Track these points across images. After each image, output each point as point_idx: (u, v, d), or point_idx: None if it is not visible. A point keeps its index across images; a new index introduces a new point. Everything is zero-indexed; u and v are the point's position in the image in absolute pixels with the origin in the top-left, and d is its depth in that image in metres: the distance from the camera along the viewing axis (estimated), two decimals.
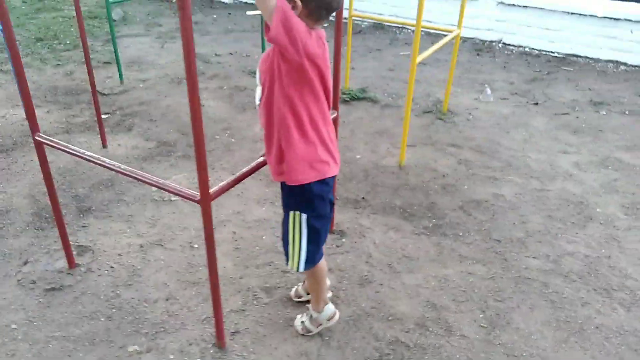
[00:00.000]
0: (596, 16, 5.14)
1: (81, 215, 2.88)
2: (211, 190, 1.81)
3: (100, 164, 2.02)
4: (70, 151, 2.08)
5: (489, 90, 4.48)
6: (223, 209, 2.94)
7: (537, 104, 4.41)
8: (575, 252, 2.69)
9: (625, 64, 5.19)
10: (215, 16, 6.81)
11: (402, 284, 2.46)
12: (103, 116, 3.94)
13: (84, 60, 5.12)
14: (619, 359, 2.10)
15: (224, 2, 7.34)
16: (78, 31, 5.87)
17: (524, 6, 5.45)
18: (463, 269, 2.57)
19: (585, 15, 5.19)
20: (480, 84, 4.79)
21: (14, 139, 3.65)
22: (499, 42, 5.74)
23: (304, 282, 2.34)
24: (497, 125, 4.03)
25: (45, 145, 2.16)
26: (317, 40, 1.64)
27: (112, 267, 2.50)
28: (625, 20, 5.03)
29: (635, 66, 5.15)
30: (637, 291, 2.44)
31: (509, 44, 5.72)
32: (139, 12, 6.63)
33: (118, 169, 1.97)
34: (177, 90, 4.54)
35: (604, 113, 4.28)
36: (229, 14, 6.98)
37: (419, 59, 3.14)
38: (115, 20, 6.11)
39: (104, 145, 3.56)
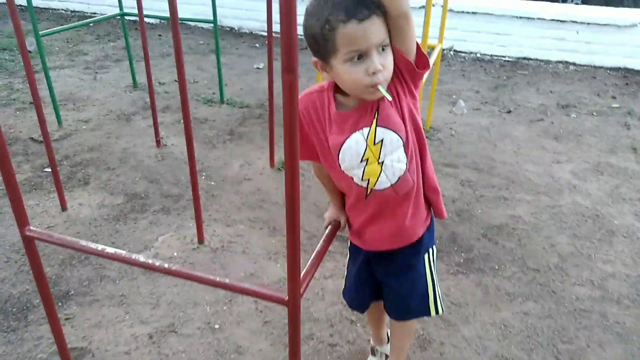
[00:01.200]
0: (544, 19, 5.25)
1: (59, 304, 2.33)
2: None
3: (148, 266, 1.54)
4: (91, 250, 1.59)
5: (462, 103, 4.38)
6: (231, 267, 2.53)
7: (510, 112, 4.38)
8: (615, 272, 2.59)
9: (574, 64, 5.34)
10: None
11: (464, 339, 2.21)
12: (47, 169, 3.33)
13: (3, 102, 4.41)
14: None
15: (150, 23, 6.71)
16: None
17: (472, 12, 5.45)
18: (516, 309, 2.37)
19: (533, 18, 5.28)
20: (448, 96, 4.69)
21: None
22: (450, 49, 5.71)
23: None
24: (483, 139, 3.92)
25: (36, 240, 1.66)
26: None
27: None
28: (571, 22, 5.18)
29: (584, 65, 5.32)
30: None
31: (461, 51, 5.71)
32: (55, 40, 5.87)
33: (175, 271, 1.50)
34: (128, 128, 3.99)
35: (575, 116, 4.33)
36: (159, 35, 6.40)
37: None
38: (30, 52, 5.34)
39: (63, 208, 2.97)
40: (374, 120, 1.33)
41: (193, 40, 6.19)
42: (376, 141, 1.34)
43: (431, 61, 3.32)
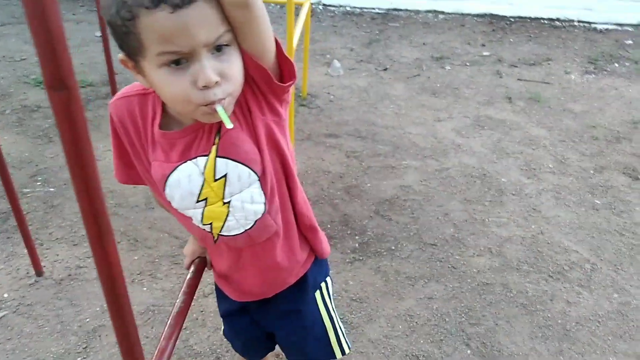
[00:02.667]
0: None
1: None
2: None
3: None
4: None
5: (337, 63, 4.06)
6: (82, 302, 2.02)
7: (386, 69, 4.16)
8: (510, 236, 2.50)
9: (442, 12, 5.25)
10: None
11: (370, 342, 1.95)
12: None
13: None
14: (613, 352, 1.96)
15: None
16: None
17: None
18: (420, 294, 2.17)
19: None
20: (321, 55, 4.35)
21: None
22: (319, 3, 5.34)
23: None
24: (362, 102, 3.66)
25: None
26: None
27: None
28: None
29: (452, 13, 5.25)
30: (585, 265, 2.34)
31: (330, 5, 5.36)
32: None
33: None
34: None
35: (449, 68, 4.23)
36: None
37: None
38: None
39: None
40: (214, 148, 0.91)
41: (17, 7, 5.15)
42: (217, 177, 0.94)
43: (301, 20, 2.93)
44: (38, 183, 2.72)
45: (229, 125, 0.83)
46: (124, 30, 0.76)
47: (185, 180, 0.94)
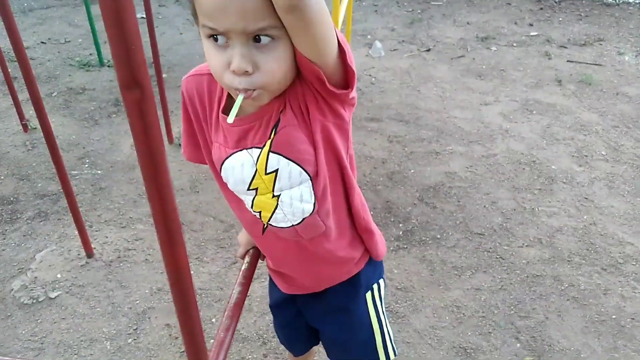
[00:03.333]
0: None
1: None
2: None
3: None
4: None
5: (378, 44, 3.98)
6: (132, 284, 2.06)
7: (429, 50, 4.05)
8: (561, 226, 2.41)
9: None
10: None
11: (417, 332, 1.93)
12: None
13: None
14: None
15: None
16: None
17: None
18: (467, 284, 2.13)
19: None
20: (362, 36, 4.27)
21: None
22: None
23: None
24: (405, 85, 3.58)
25: None
26: None
27: None
28: None
29: None
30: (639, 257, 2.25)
31: None
32: None
33: None
34: None
35: (495, 49, 4.09)
36: None
37: None
38: None
39: None
40: (268, 142, 0.89)
41: None
42: (268, 170, 0.92)
43: (344, 1, 2.86)
44: (85, 165, 2.78)
45: (229, 119, 0.82)
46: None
47: (239, 168, 0.94)
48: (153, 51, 2.81)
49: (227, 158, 0.94)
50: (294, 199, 0.95)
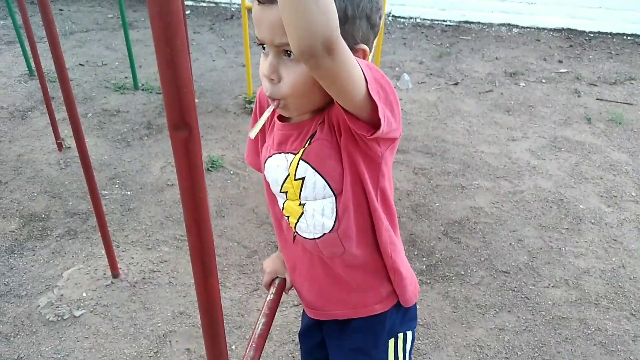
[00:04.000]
0: None
1: None
2: None
3: None
4: None
5: (406, 76, 4.02)
6: (155, 306, 2.08)
7: (457, 83, 4.07)
8: (589, 268, 2.36)
9: (517, 26, 5.09)
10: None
11: None
12: None
13: None
14: None
15: None
16: None
17: None
18: (490, 324, 2.09)
19: None
20: (390, 68, 4.31)
21: None
22: (389, 15, 5.31)
23: None
24: (432, 117, 3.60)
25: None
26: None
27: None
28: None
29: (527, 27, 5.08)
30: None
31: (399, 17, 5.32)
32: None
33: None
34: (23, 128, 3.35)
35: (524, 85, 4.08)
36: (61, 10, 5.56)
37: None
38: None
39: None
40: (302, 150, 0.95)
41: (100, 14, 5.43)
42: (297, 177, 0.97)
43: None
44: (116, 186, 2.84)
45: (251, 134, 0.96)
46: None
47: (276, 168, 1.01)
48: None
49: (269, 157, 1.03)
50: (317, 211, 0.99)
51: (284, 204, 1.04)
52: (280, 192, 1.02)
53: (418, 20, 5.30)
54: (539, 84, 4.08)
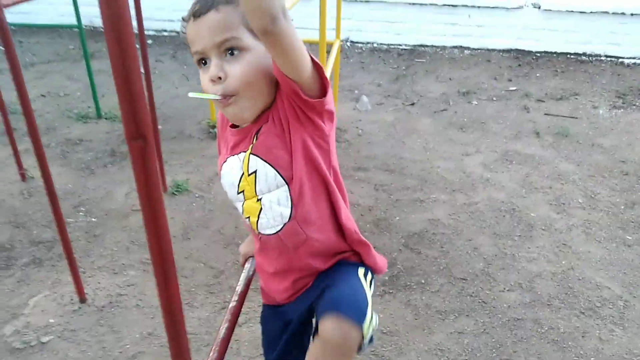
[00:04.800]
0: (436, 4, 5.19)
1: None
2: None
3: None
4: None
5: (365, 98, 4.17)
6: (123, 329, 2.09)
7: (413, 104, 4.25)
8: (540, 271, 2.50)
9: (468, 48, 5.35)
10: (2, 48, 5.35)
11: None
12: None
13: None
14: None
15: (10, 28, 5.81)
16: None
17: (365, 1, 5.27)
18: (450, 328, 2.19)
19: (426, 4, 5.20)
20: (350, 91, 4.47)
21: None
22: (347, 40, 5.50)
23: None
24: (390, 136, 3.74)
25: None
26: None
27: None
28: (463, 6, 5.17)
29: (477, 49, 5.35)
30: (617, 301, 2.33)
31: (357, 42, 5.52)
32: None
33: None
34: None
35: (476, 103, 4.29)
36: (20, 42, 5.54)
37: None
38: None
39: None
40: (250, 146, 1.07)
41: (61, 46, 5.45)
42: (249, 171, 1.07)
43: (331, 58, 3.05)
44: (81, 213, 2.85)
45: (190, 93, 1.03)
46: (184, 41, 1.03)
47: (230, 171, 1.11)
48: (150, 104, 2.95)
49: (224, 163, 1.12)
50: (273, 202, 1.08)
51: (242, 205, 1.12)
52: (238, 193, 1.11)
53: (375, 45, 5.52)
54: (490, 102, 4.30)
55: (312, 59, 0.96)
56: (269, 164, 1.04)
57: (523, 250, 2.64)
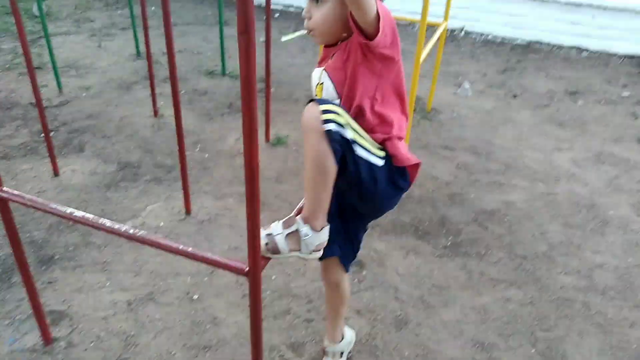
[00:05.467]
0: (559, 2, 5.09)
1: (43, 268, 2.36)
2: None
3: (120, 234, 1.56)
4: (54, 212, 1.60)
5: (467, 84, 4.29)
6: (216, 240, 2.53)
7: (515, 96, 4.29)
8: (603, 263, 2.55)
9: (587, 50, 5.20)
10: (153, 8, 6.16)
11: (442, 322, 2.19)
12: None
13: (7, 66, 4.42)
14: None
15: None
16: None
17: None
18: (499, 294, 2.35)
19: (547, 1, 5.12)
20: (454, 77, 4.60)
21: None
22: (461, 30, 5.58)
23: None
24: (484, 123, 3.85)
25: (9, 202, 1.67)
26: None
27: (99, 336, 2.04)
28: (587, 5, 5.02)
29: (597, 52, 5.17)
30: None
31: (472, 32, 5.58)
32: (63, 6, 5.85)
33: (140, 237, 1.53)
34: (128, 97, 3.98)
35: (582, 103, 4.22)
36: None
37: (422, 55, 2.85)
38: (36, 17, 5.34)
39: (56, 173, 2.99)
40: (325, 65, 1.45)
41: (201, 11, 6.13)
42: (320, 81, 1.46)
43: (431, 41, 3.24)
44: (197, 149, 3.36)
45: (282, 39, 1.43)
46: None
47: (315, 76, 1.51)
48: (266, 68, 3.36)
49: (314, 71, 1.54)
50: None
51: (315, 94, 1.54)
52: (315, 95, 1.52)
53: (490, 37, 5.53)
54: (598, 104, 4.21)
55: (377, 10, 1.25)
56: (331, 80, 1.42)
57: (591, 242, 2.69)
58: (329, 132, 1.31)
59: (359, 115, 1.42)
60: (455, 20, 5.51)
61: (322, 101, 1.32)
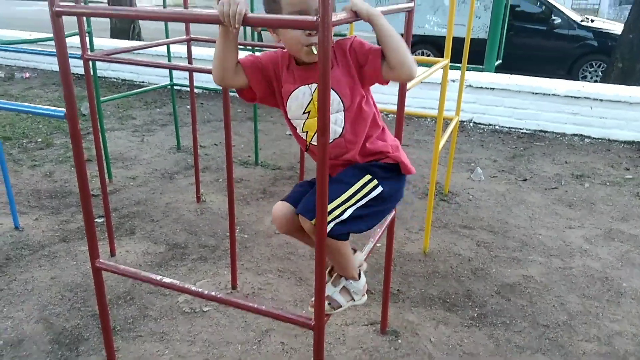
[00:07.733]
0: (558, 95, 5.59)
1: None
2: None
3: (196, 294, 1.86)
4: (145, 279, 1.90)
5: (479, 170, 4.65)
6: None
7: (525, 180, 4.63)
8: (622, 331, 2.73)
9: (589, 137, 5.61)
10: (188, 107, 6.77)
11: None
12: (98, 220, 3.68)
13: (60, 159, 4.88)
14: None
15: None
16: (47, 128, 5.64)
17: (491, 88, 5.85)
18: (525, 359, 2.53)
19: (548, 94, 5.63)
20: (467, 163, 4.98)
21: (5, 253, 3.31)
22: (470, 121, 6.07)
23: None
24: (498, 204, 4.16)
25: (103, 271, 1.97)
26: None
27: None
28: (585, 98, 5.51)
29: (598, 138, 5.58)
30: None
31: (480, 123, 6.06)
32: (107, 105, 6.45)
33: (221, 299, 1.81)
34: (171, 186, 4.38)
35: (588, 185, 4.54)
36: (202, 103, 6.96)
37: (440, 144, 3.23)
38: (84, 115, 5.92)
39: (113, 254, 3.30)
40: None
41: (232, 109, 6.71)
42: (311, 98, 1.58)
43: (447, 132, 3.64)
44: (237, 230, 3.67)
45: (314, 51, 1.50)
46: (273, 5, 1.51)
47: (301, 96, 1.59)
48: (301, 157, 3.74)
49: (295, 90, 1.62)
50: (332, 122, 1.58)
51: (304, 122, 1.64)
52: (304, 113, 1.62)
53: (497, 127, 6.00)
54: (603, 186, 4.53)
55: None
56: (336, 91, 1.57)
57: (608, 312, 2.88)
58: (332, 233, 1.57)
59: (375, 125, 1.67)
60: (464, 113, 6.02)
61: (306, 211, 1.55)
